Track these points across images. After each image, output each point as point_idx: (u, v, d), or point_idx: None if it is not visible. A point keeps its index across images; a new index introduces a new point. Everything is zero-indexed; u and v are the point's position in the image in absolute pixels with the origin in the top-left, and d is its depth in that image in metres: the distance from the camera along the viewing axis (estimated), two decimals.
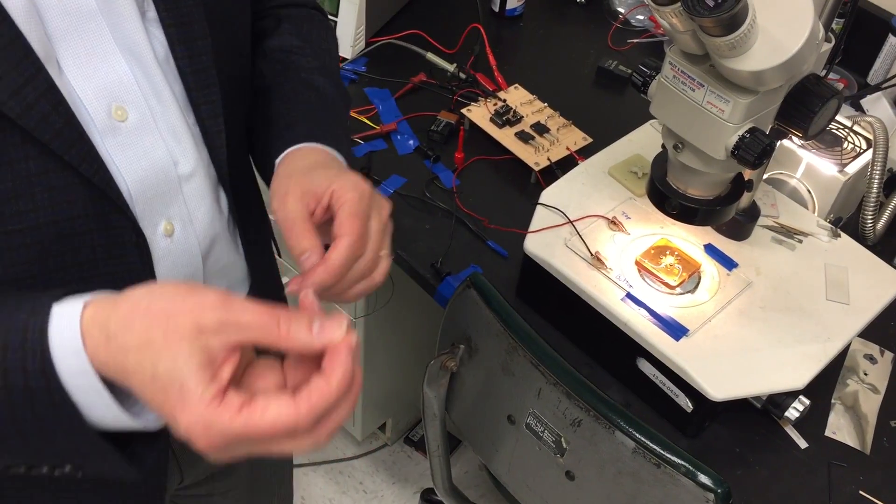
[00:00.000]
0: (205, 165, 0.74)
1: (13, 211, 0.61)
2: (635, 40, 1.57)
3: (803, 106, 0.85)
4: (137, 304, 0.54)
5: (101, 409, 0.55)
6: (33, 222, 0.62)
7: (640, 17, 1.60)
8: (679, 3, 0.71)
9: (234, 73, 0.77)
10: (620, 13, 1.61)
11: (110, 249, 0.68)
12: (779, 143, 1.17)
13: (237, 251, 0.83)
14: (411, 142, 1.35)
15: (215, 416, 0.52)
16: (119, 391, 0.55)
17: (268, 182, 0.78)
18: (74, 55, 0.62)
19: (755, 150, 0.82)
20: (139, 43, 0.66)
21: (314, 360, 0.56)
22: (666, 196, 0.96)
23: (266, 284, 0.91)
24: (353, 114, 1.37)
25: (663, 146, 0.94)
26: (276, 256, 1.01)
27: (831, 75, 1.50)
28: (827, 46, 0.89)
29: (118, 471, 0.59)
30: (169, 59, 0.69)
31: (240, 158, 0.82)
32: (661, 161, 0.97)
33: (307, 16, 0.90)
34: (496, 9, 1.58)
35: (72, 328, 0.54)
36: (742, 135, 0.83)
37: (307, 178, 0.70)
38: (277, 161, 0.75)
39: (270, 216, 0.90)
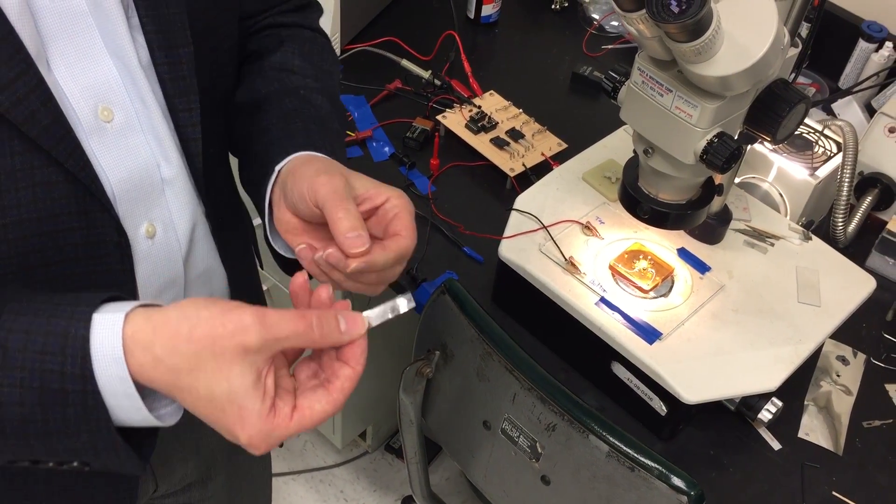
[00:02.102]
0: (186, 170, 0.75)
1: None
2: (610, 46, 1.58)
3: (771, 110, 0.86)
4: (178, 330, 0.57)
5: (129, 411, 0.58)
6: (16, 218, 0.63)
7: (615, 24, 1.61)
8: (644, 10, 0.72)
9: (215, 83, 0.78)
10: (595, 19, 1.62)
11: (92, 248, 0.68)
12: (750, 148, 1.18)
13: (216, 258, 0.83)
14: (387, 148, 1.35)
15: (273, 426, 0.59)
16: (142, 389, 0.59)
17: (255, 189, 0.78)
18: (63, 55, 0.63)
19: (723, 154, 0.83)
20: (124, 47, 0.67)
21: None
22: (637, 201, 0.96)
23: (247, 293, 0.92)
24: None
25: (635, 151, 0.95)
26: (259, 268, 1.01)
27: (803, 80, 1.51)
28: (794, 51, 0.90)
29: (126, 465, 0.62)
30: (150, 65, 0.70)
31: (218, 167, 0.82)
32: (632, 166, 0.98)
33: (310, 37, 0.90)
34: (471, 15, 1.59)
35: (114, 338, 0.57)
36: (710, 139, 0.83)
37: (352, 175, 0.71)
38: (281, 166, 0.74)
39: (255, 221, 0.91)
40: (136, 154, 0.69)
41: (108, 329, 0.57)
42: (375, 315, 0.64)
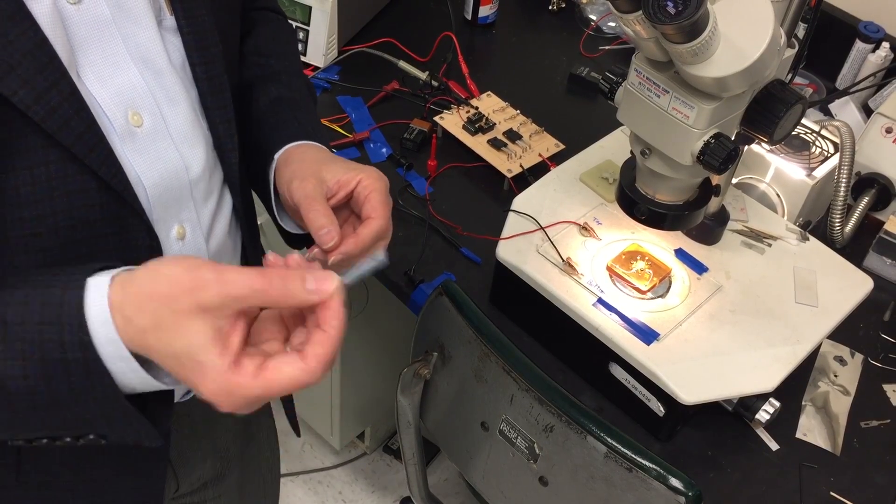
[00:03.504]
0: (210, 170, 0.77)
1: (33, 215, 0.63)
2: (607, 47, 1.59)
3: (768, 111, 0.86)
4: (141, 287, 0.57)
5: (128, 375, 0.58)
6: (52, 226, 0.64)
7: (612, 25, 1.61)
8: (641, 11, 0.72)
9: (233, 81, 0.81)
10: (592, 20, 1.62)
11: (125, 253, 0.70)
12: (747, 148, 1.18)
13: (235, 256, 0.86)
14: (384, 150, 1.35)
15: (234, 383, 0.56)
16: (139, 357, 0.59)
17: (257, 175, 0.84)
18: (92, 63, 0.64)
19: (720, 155, 0.83)
20: (154, 50, 0.69)
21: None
22: (635, 202, 0.96)
23: None
24: (326, 122, 1.37)
25: (632, 152, 0.95)
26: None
27: (801, 80, 1.52)
28: (790, 52, 0.90)
29: (142, 435, 0.62)
30: (185, 66, 0.73)
31: (242, 163, 0.85)
32: (629, 167, 0.98)
33: (275, 19, 0.96)
34: (468, 17, 1.59)
35: (101, 300, 0.56)
36: (707, 140, 0.83)
37: (325, 167, 0.77)
38: (279, 155, 0.81)
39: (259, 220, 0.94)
40: (166, 157, 0.71)
41: (97, 293, 0.57)
42: (347, 272, 0.61)
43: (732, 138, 0.86)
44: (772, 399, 1.00)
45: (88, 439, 0.62)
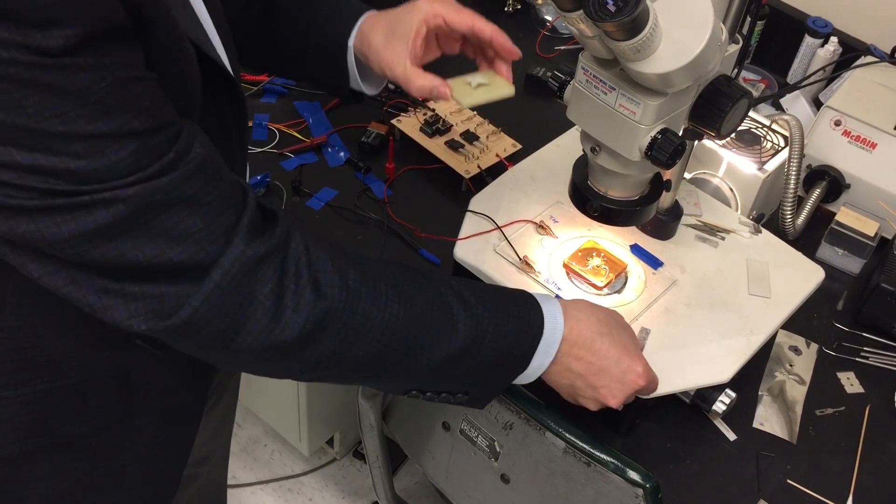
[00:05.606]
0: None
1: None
2: (563, 47, 1.60)
3: (714, 106, 0.87)
4: (593, 314, 0.88)
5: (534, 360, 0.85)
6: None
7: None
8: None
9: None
10: (548, 21, 1.63)
11: None
12: (700, 143, 1.20)
13: None
14: (342, 154, 1.35)
15: (646, 365, 0.89)
16: None
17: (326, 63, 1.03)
18: None
19: (667, 150, 0.84)
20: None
21: None
22: (587, 198, 0.97)
23: None
24: (283, 128, 1.37)
25: (583, 149, 0.95)
26: None
27: (752, 76, 1.54)
28: (734, 48, 0.91)
29: (489, 396, 0.87)
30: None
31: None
32: (581, 164, 0.99)
33: None
34: None
35: (556, 320, 0.85)
36: (654, 136, 0.85)
37: (395, 36, 1.01)
38: (352, 41, 1.01)
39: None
40: None
41: (551, 317, 0.85)
42: None
43: (680, 133, 0.87)
44: (727, 390, 1.02)
45: (457, 397, 0.85)
